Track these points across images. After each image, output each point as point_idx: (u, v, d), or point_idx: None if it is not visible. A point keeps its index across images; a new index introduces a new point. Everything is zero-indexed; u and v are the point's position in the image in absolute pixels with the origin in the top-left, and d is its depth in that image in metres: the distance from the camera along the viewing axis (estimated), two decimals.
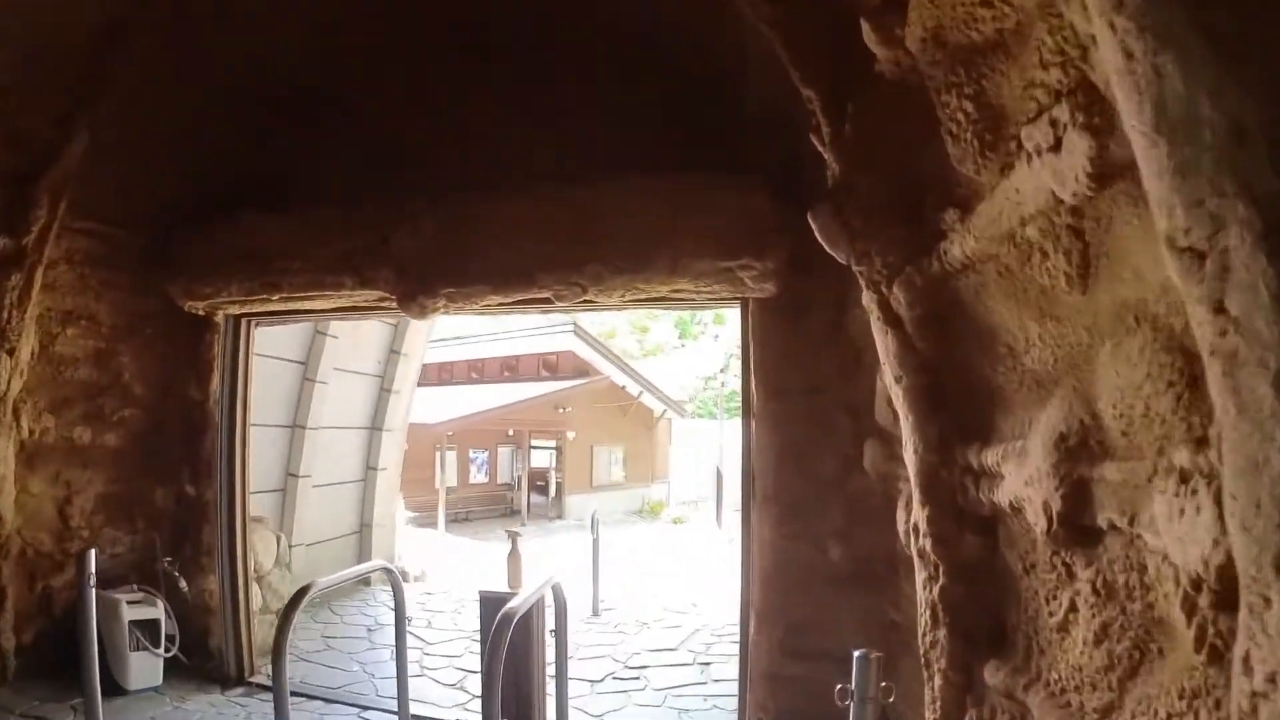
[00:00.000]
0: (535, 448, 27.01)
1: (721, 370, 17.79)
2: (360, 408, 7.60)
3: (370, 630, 6.84)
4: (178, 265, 5.42)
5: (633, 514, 26.73)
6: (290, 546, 6.50)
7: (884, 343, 3.14)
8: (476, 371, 28.70)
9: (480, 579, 13.61)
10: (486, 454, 25.64)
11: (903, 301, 2.98)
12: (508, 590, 6.65)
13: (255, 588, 5.96)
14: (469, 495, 24.66)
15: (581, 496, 24.99)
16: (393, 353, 7.71)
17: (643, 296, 5.05)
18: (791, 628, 4.70)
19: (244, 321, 5.79)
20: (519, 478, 24.39)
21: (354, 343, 7.26)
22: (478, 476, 25.46)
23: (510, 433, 25.11)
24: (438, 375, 30.67)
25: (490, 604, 4.37)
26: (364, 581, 7.80)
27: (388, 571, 5.06)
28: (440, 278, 4.94)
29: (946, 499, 2.97)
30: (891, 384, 3.19)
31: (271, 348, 6.12)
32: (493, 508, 24.82)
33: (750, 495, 4.86)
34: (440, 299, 5.01)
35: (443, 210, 5.00)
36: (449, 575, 13.60)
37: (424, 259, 4.94)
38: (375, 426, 7.69)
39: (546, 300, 5.06)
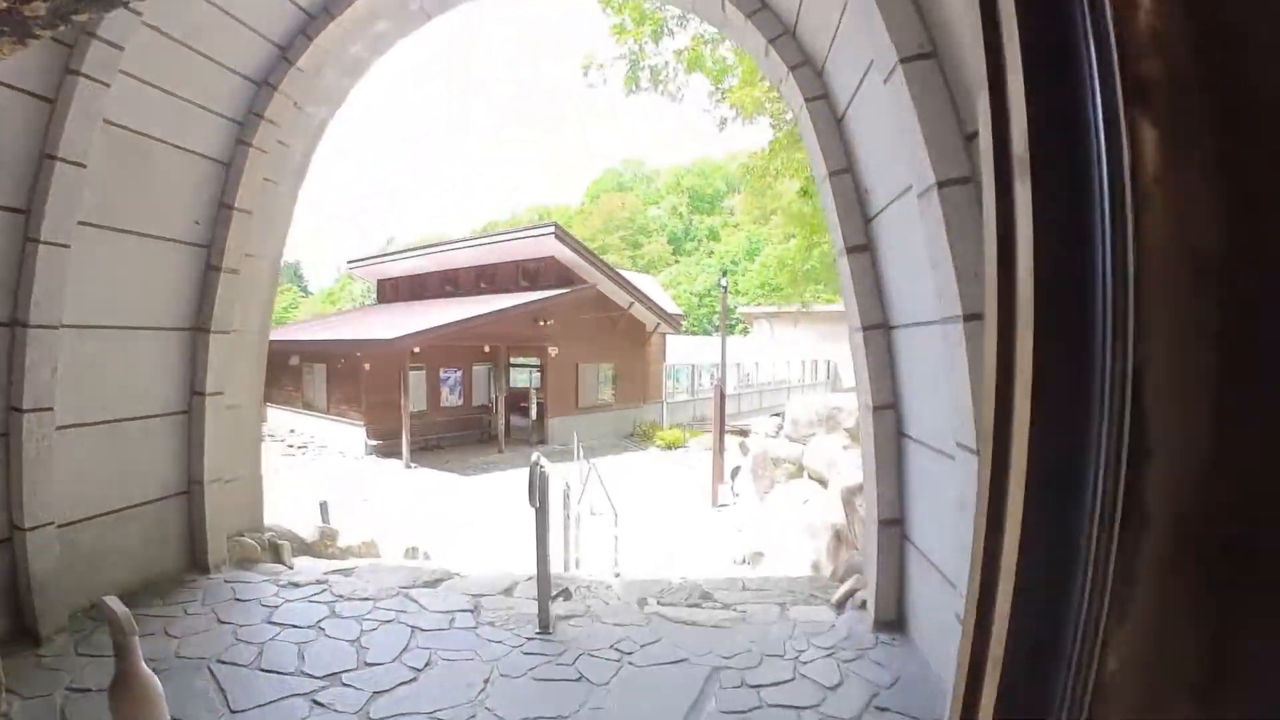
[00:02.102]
0: (514, 366, 24.33)
1: (720, 284, 15.05)
2: (164, 296, 4.78)
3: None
4: None
5: (624, 438, 24.28)
6: (17, 531, 3.82)
7: None
8: (451, 284, 25.81)
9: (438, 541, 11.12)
10: (459, 374, 22.95)
11: None
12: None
13: None
14: (440, 420, 22.11)
15: (566, 419, 22.49)
16: (224, 208, 4.83)
17: None
18: None
19: None
20: (496, 399, 21.78)
21: (133, 182, 4.39)
22: (450, 399, 22.83)
23: (486, 350, 22.38)
24: (409, 289, 27.84)
25: None
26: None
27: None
28: None
29: None
30: None
31: None
32: (467, 433, 22.26)
33: None
34: None
35: None
36: (392, 532, 11.06)
37: None
38: (199, 328, 4.88)
39: None
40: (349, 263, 31.52)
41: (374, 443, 19.93)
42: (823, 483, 9.05)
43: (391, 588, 5.18)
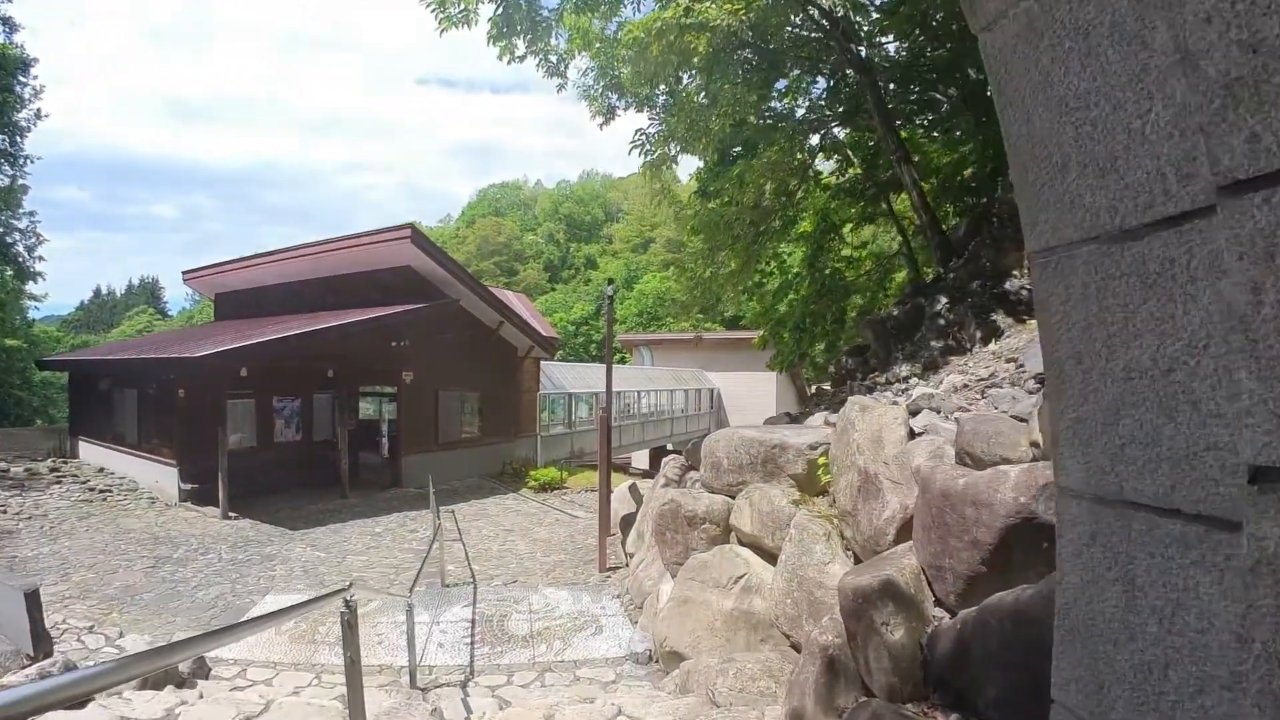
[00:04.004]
0: (365, 395, 20.94)
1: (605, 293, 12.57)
2: None
3: None
4: None
5: (491, 478, 21.24)
6: None
7: None
8: (294, 298, 22.13)
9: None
10: (297, 404, 19.41)
11: None
12: None
13: None
14: (274, 458, 18.52)
15: (424, 456, 19.32)
16: None
17: None
18: None
19: None
20: (340, 434, 18.37)
21: None
22: (286, 433, 19.25)
23: (330, 374, 18.97)
24: (249, 304, 23.99)
25: None
26: None
27: None
28: None
29: None
30: None
31: None
32: (307, 474, 18.64)
33: None
34: None
35: None
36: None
37: None
38: None
39: None
40: (184, 274, 27.28)
41: (189, 486, 16.18)
42: (766, 555, 6.53)
43: None
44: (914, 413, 5.87)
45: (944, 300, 10.62)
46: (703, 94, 10.58)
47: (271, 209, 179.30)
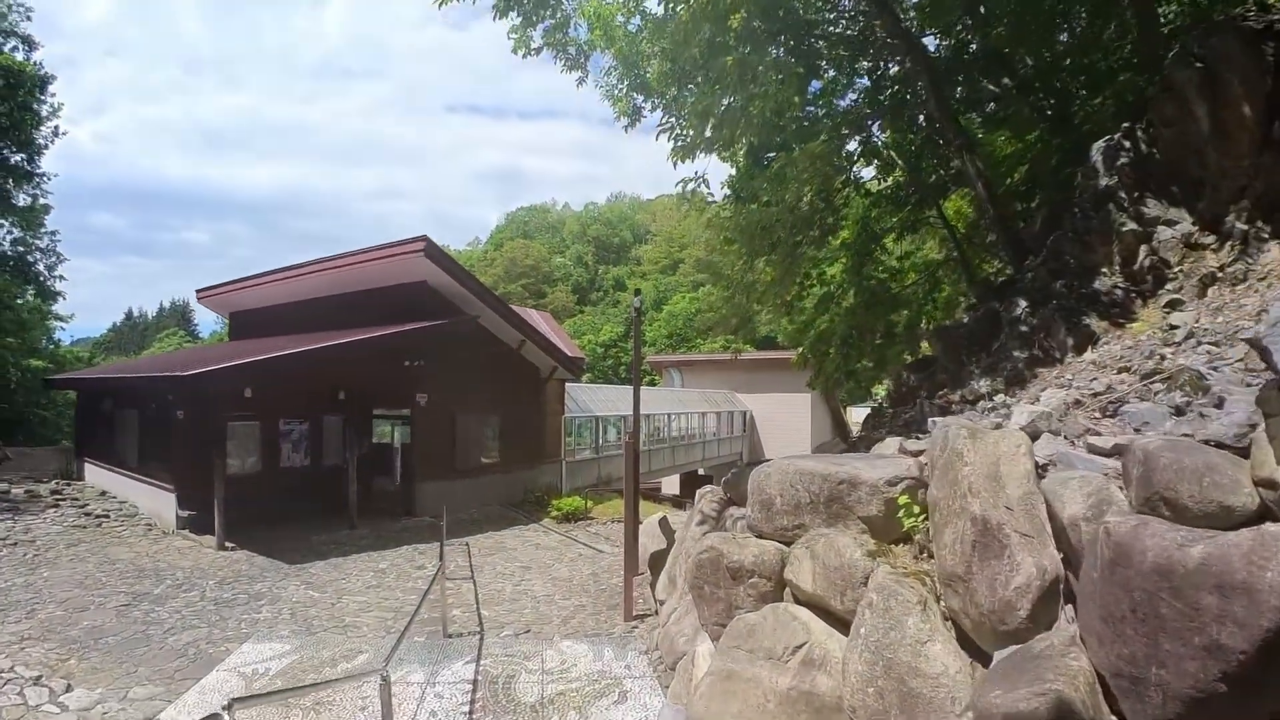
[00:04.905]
0: (379, 417, 19.77)
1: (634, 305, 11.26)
2: None
3: None
4: None
5: (511, 507, 19.93)
6: None
7: None
8: (307, 316, 21.04)
9: None
10: (305, 427, 18.27)
11: None
12: None
13: None
14: (279, 485, 17.35)
15: (440, 484, 18.06)
16: None
17: None
18: None
19: None
20: (351, 459, 17.18)
21: None
22: (294, 457, 18.09)
23: (341, 397, 17.84)
24: (262, 324, 23.02)
25: None
26: None
27: None
28: None
29: None
30: None
31: None
32: (316, 502, 17.43)
33: None
34: None
35: None
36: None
37: None
38: None
39: None
40: (198, 292, 26.47)
41: (187, 513, 15.05)
42: (833, 619, 5.15)
43: None
44: (1033, 437, 4.49)
45: (1023, 304, 9.24)
46: (742, 71, 9.37)
47: (302, 235, 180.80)
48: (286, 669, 8.03)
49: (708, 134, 11.06)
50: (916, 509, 5.27)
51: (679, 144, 10.81)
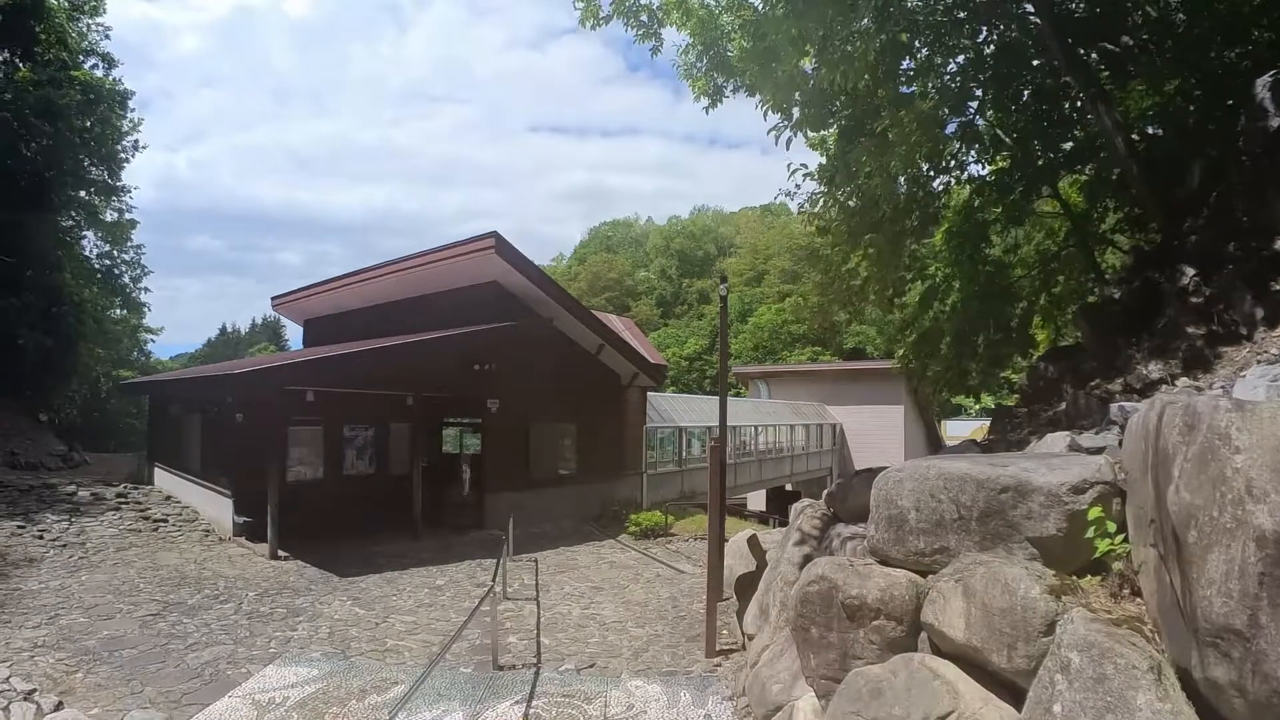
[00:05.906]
0: (450, 425, 18.78)
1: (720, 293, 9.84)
2: None
3: None
4: None
5: (588, 521, 18.62)
6: None
7: None
8: (379, 320, 20.34)
9: None
10: (371, 433, 17.40)
11: None
12: None
13: None
14: (343, 493, 16.48)
15: (513, 496, 16.90)
16: None
17: None
18: None
19: None
20: (416, 468, 16.20)
21: None
22: (358, 465, 17.23)
23: (410, 403, 16.90)
24: (335, 330, 22.53)
25: None
26: None
27: None
28: None
29: None
30: None
31: None
32: (381, 511, 16.48)
33: None
34: None
35: None
36: None
37: None
38: None
39: None
40: (272, 300, 26.34)
41: (243, 519, 14.32)
42: (995, 682, 3.61)
43: None
44: None
45: (1190, 272, 7.46)
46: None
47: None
48: (307, 699, 6.86)
49: (795, 114, 9.80)
50: (1112, 526, 3.70)
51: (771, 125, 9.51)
